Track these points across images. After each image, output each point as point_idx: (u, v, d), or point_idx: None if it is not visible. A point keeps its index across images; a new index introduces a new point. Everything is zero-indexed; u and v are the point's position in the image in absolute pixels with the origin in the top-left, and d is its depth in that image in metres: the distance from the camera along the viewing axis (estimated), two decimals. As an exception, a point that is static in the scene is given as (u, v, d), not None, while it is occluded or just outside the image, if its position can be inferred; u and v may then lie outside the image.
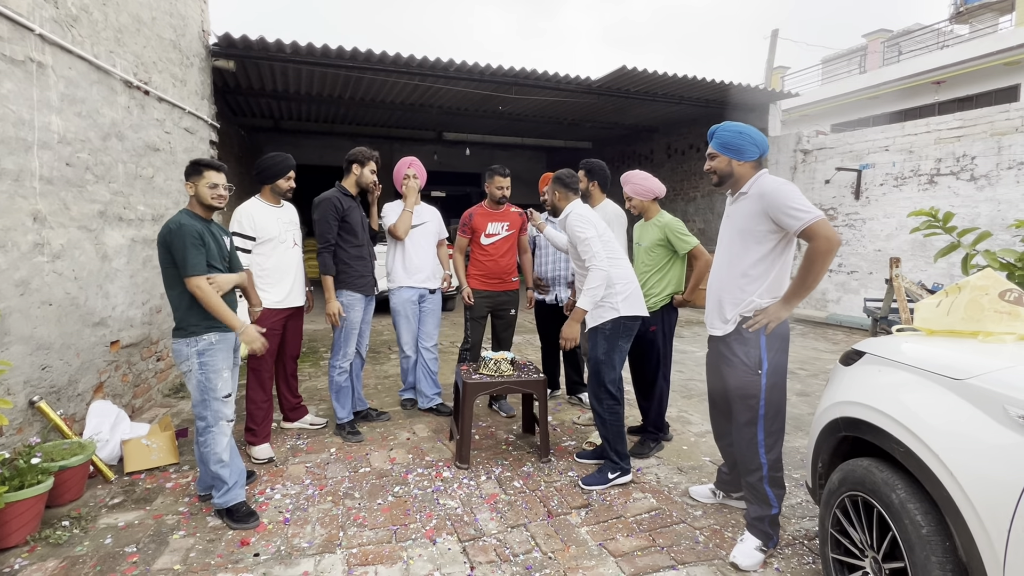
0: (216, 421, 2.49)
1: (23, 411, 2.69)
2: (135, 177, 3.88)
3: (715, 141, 2.29)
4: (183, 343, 2.46)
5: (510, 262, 3.92)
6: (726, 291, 2.29)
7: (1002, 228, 6.19)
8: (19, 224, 2.71)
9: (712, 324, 2.38)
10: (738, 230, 2.26)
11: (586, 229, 2.80)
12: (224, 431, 2.51)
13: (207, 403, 2.48)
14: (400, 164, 3.93)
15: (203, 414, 2.49)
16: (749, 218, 2.20)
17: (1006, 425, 1.34)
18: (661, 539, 2.37)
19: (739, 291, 2.25)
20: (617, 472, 2.84)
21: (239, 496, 2.52)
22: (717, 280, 2.36)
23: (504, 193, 3.82)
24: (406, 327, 3.87)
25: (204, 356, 2.46)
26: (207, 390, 2.47)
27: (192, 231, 2.38)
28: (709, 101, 8.45)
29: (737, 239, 2.26)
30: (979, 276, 1.84)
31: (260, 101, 8.63)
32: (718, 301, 2.33)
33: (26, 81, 2.79)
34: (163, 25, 4.43)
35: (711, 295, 2.39)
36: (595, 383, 2.88)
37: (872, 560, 1.70)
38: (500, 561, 2.20)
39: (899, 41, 17.32)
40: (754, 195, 2.20)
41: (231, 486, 2.50)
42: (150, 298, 4.04)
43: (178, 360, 2.49)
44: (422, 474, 3.00)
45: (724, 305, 2.30)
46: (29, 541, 2.29)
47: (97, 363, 3.33)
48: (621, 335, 2.84)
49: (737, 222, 2.28)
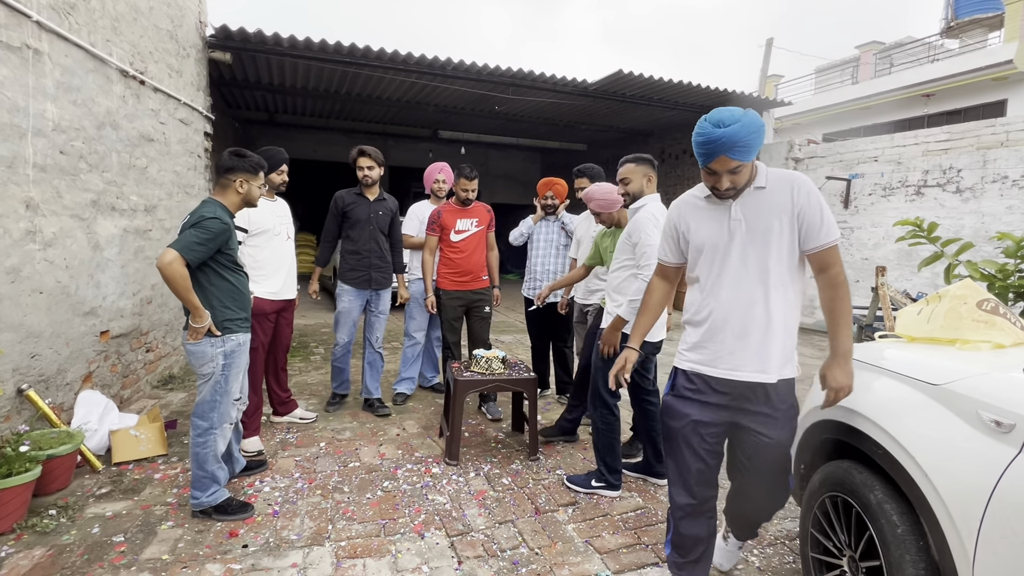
0: (220, 424, 2.45)
1: (11, 399, 2.68)
2: (129, 167, 3.87)
3: (739, 152, 1.58)
4: (207, 343, 2.36)
5: (480, 259, 3.96)
6: (780, 316, 1.69)
7: (985, 240, 6.31)
8: (11, 211, 2.70)
9: (757, 366, 1.70)
10: (761, 231, 1.69)
11: (655, 234, 2.54)
12: (225, 434, 2.49)
13: (217, 405, 2.42)
14: (431, 169, 4.25)
15: (209, 415, 2.42)
16: (780, 213, 1.68)
17: (979, 429, 1.40)
18: (646, 537, 2.41)
19: (794, 311, 1.74)
20: (603, 484, 2.77)
21: (225, 492, 2.51)
22: (750, 302, 1.70)
23: (469, 196, 3.87)
24: (420, 314, 4.16)
25: (230, 358, 2.41)
26: (223, 392, 2.42)
27: (225, 231, 2.32)
28: (704, 107, 8.53)
29: (762, 245, 1.69)
30: (958, 286, 1.90)
31: (255, 94, 8.57)
32: (766, 332, 1.69)
33: (22, 68, 2.77)
34: (160, 15, 4.41)
35: (738, 327, 1.71)
36: (591, 389, 2.81)
37: (849, 559, 1.75)
38: (487, 556, 2.23)
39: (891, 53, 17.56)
40: (777, 184, 1.69)
41: (221, 486, 2.49)
42: (141, 289, 4.03)
43: (199, 361, 2.38)
44: (411, 470, 3.02)
45: (776, 337, 1.69)
46: (16, 529, 2.29)
47: (86, 352, 3.31)
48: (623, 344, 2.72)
49: (759, 222, 1.69)
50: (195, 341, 2.35)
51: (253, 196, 2.52)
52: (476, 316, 3.97)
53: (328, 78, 7.45)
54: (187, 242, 2.23)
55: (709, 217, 1.77)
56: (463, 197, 3.86)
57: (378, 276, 3.81)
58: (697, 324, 1.80)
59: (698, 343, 1.79)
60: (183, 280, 2.21)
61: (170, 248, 2.20)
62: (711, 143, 1.60)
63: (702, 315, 1.78)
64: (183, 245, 2.21)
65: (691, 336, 1.83)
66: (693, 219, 1.81)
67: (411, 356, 4.22)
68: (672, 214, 1.88)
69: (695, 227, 1.79)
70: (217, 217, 2.31)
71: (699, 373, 1.78)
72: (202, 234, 2.25)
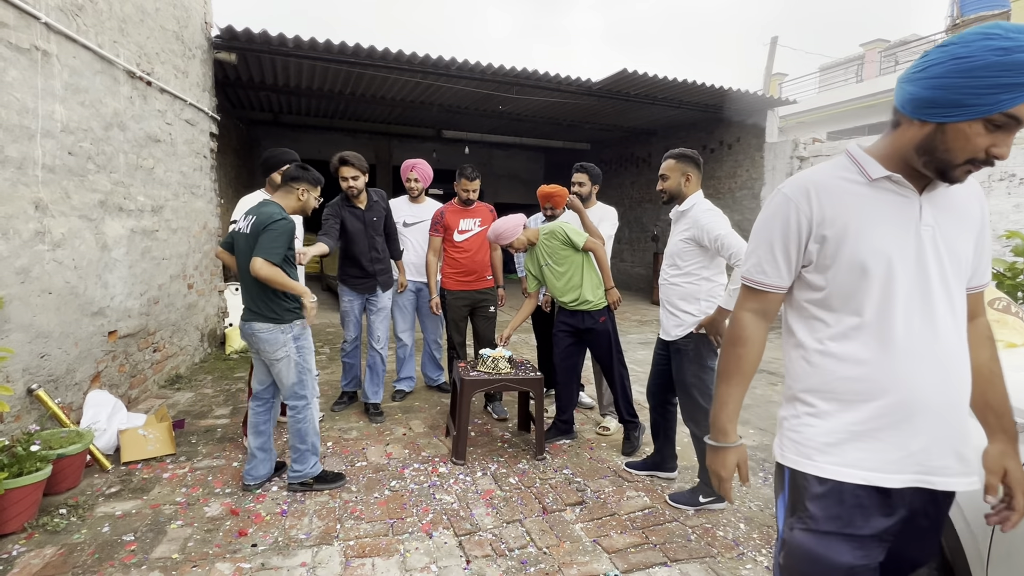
0: (312, 397, 2.72)
1: (22, 399, 2.70)
2: (136, 168, 3.88)
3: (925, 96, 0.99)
4: (277, 330, 2.59)
5: (485, 258, 3.95)
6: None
7: (993, 238, 6.28)
8: (21, 212, 2.72)
9: (962, 466, 1.29)
10: (956, 251, 1.25)
11: (721, 222, 2.47)
12: (317, 406, 2.79)
13: (305, 382, 2.68)
14: (404, 166, 4.15)
15: (302, 393, 2.67)
16: (969, 227, 1.26)
17: (992, 429, 1.38)
18: (654, 536, 2.41)
19: None
20: (711, 497, 2.65)
21: (320, 464, 2.80)
22: (958, 362, 1.26)
23: (471, 196, 3.87)
24: (401, 317, 4.14)
25: (300, 340, 2.66)
26: (305, 370, 2.68)
27: (292, 230, 2.56)
28: (708, 106, 8.51)
29: None
30: (970, 284, 1.89)
31: (260, 94, 8.60)
32: (966, 410, 1.33)
33: (31, 69, 2.79)
34: (166, 16, 4.43)
35: (943, 404, 1.30)
36: (690, 407, 2.66)
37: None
38: (495, 555, 2.23)
39: (896, 51, 17.49)
40: (965, 185, 1.18)
41: (318, 457, 2.76)
42: (148, 289, 4.04)
43: (271, 347, 2.59)
44: (418, 469, 3.02)
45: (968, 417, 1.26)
46: (27, 528, 2.30)
47: (95, 352, 3.33)
48: (706, 354, 2.59)
49: (952, 236, 1.20)
50: (309, 323, 2.68)
51: (309, 206, 2.78)
52: (481, 316, 3.97)
53: (332, 78, 7.46)
54: (267, 247, 2.47)
55: (883, 214, 1.09)
56: (464, 197, 3.86)
57: (382, 279, 3.80)
58: (858, 399, 1.10)
59: (862, 431, 1.09)
60: (279, 277, 2.48)
61: (256, 257, 2.44)
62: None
63: (872, 384, 1.09)
64: (265, 250, 2.46)
65: (838, 418, 1.11)
66: (850, 213, 1.09)
67: (403, 356, 4.26)
68: (795, 201, 1.13)
69: (857, 227, 1.08)
70: (284, 218, 2.55)
71: (867, 485, 1.07)
72: (277, 235, 2.49)
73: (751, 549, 2.32)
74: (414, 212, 4.19)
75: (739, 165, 9.13)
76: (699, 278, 2.59)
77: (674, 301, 2.66)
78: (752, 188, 8.94)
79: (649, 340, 6.78)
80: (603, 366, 3.39)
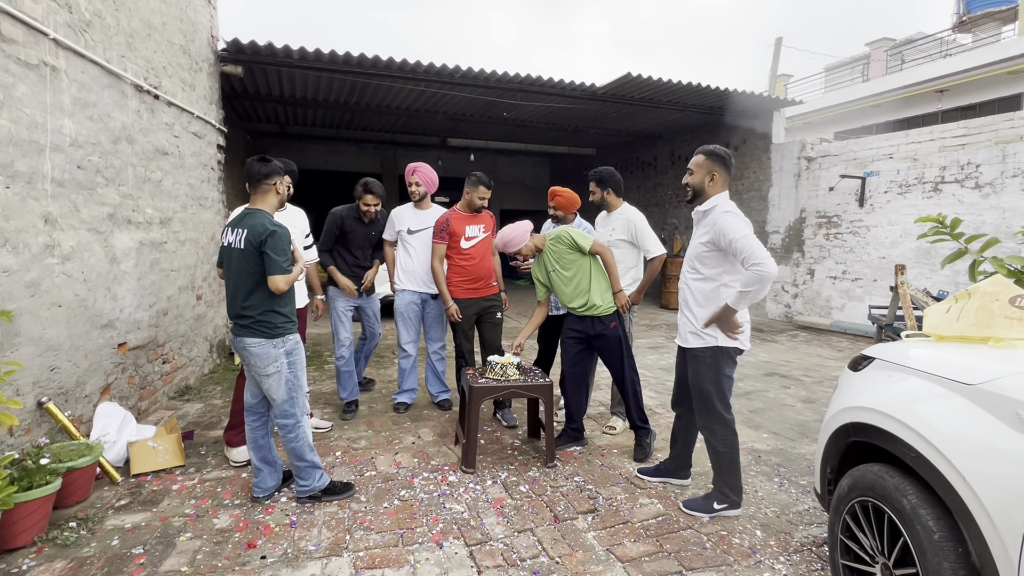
0: (302, 415, 2.65)
1: (32, 412, 2.70)
2: (144, 180, 3.91)
3: None
4: (268, 344, 2.51)
5: (489, 264, 3.92)
6: None
7: (1008, 236, 6.17)
8: (31, 226, 2.73)
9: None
10: None
11: (742, 225, 2.38)
12: (307, 423, 2.70)
13: (295, 400, 2.60)
14: (406, 171, 4.15)
15: (291, 411, 2.60)
16: None
17: (1019, 430, 1.34)
18: (668, 545, 2.36)
19: None
20: (725, 504, 2.61)
21: (327, 476, 2.75)
22: None
23: (485, 204, 3.89)
24: (405, 328, 4.07)
25: (293, 355, 2.59)
26: (296, 387, 2.61)
27: (288, 234, 2.52)
28: (713, 108, 8.48)
29: None
30: (989, 282, 1.85)
31: (266, 106, 8.67)
32: None
33: (40, 85, 2.81)
34: (173, 31, 4.48)
35: None
36: (706, 414, 2.59)
37: (883, 566, 1.69)
38: (507, 565, 2.20)
39: (902, 50, 17.36)
40: None
41: (322, 469, 2.71)
42: (157, 300, 4.06)
43: (263, 362, 2.52)
44: (428, 478, 2.99)
45: None
46: (37, 542, 2.30)
47: (104, 365, 3.34)
48: (724, 362, 2.54)
49: None
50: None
51: (284, 195, 2.72)
52: (488, 322, 3.93)
53: (338, 89, 7.52)
54: (277, 262, 2.42)
55: None
56: (478, 205, 3.84)
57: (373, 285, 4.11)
58: None
59: None
60: (297, 276, 2.50)
61: (272, 277, 2.42)
62: None
63: None
64: (277, 267, 2.42)
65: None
66: None
67: (406, 368, 4.12)
68: None
69: None
70: (277, 227, 2.48)
71: None
72: (281, 248, 2.44)
73: (768, 556, 2.27)
74: (419, 219, 4.00)
75: (746, 167, 9.07)
76: (719, 284, 2.50)
77: (691, 305, 2.60)
78: (760, 190, 8.88)
79: (658, 345, 6.72)
80: (614, 372, 3.35)
